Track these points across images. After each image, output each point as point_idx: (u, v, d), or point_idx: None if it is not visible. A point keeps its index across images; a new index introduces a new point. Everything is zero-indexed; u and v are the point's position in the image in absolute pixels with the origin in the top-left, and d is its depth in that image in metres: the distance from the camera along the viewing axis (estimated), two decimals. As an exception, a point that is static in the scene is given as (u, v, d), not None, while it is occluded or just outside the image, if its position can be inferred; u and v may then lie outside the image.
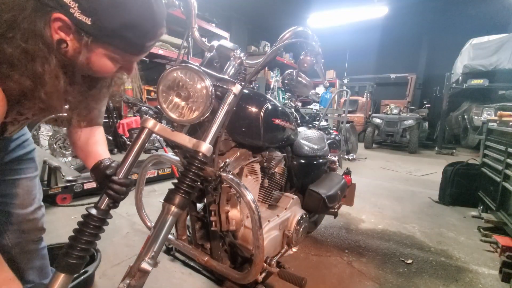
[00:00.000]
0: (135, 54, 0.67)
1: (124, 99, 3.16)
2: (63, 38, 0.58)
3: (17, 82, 0.57)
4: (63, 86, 0.61)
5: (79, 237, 0.69)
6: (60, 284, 0.67)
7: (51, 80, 0.59)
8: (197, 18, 1.09)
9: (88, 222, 0.70)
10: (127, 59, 0.68)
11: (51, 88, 0.59)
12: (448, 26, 8.24)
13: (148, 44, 0.67)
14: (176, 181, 0.79)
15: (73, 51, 0.60)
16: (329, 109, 5.14)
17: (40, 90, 0.59)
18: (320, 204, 1.46)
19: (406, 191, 3.32)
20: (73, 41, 0.59)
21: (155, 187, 2.87)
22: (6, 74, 0.56)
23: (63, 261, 0.67)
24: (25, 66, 0.56)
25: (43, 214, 1.02)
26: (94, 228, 0.70)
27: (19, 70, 0.56)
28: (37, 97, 0.60)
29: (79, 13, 0.55)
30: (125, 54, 0.65)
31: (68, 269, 0.67)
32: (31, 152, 0.97)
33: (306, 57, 1.03)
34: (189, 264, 1.48)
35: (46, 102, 0.61)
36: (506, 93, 5.81)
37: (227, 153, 1.13)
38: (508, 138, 2.15)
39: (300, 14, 7.35)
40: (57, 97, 0.62)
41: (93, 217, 0.70)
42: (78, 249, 0.68)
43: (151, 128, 0.81)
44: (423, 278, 1.59)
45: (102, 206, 0.73)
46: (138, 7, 0.60)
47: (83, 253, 0.68)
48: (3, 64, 0.55)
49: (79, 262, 0.68)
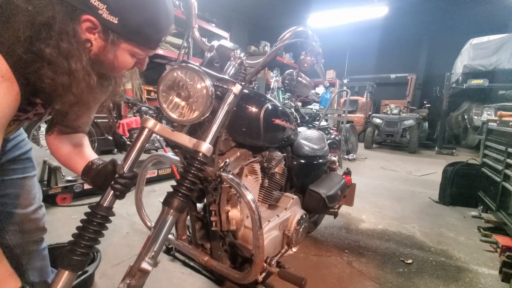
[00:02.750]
0: (153, 48, 0.73)
1: (124, 99, 3.16)
2: (89, 38, 0.64)
3: (55, 80, 0.61)
4: (95, 82, 0.67)
5: (82, 234, 0.69)
6: (64, 282, 0.67)
7: (85, 76, 0.64)
8: (197, 18, 1.09)
9: (92, 219, 0.70)
10: (144, 54, 0.73)
11: (84, 83, 0.64)
12: (448, 26, 8.24)
13: (163, 39, 0.73)
14: (175, 184, 0.79)
15: (98, 49, 0.66)
16: (329, 109, 5.14)
17: (74, 86, 0.63)
18: (320, 204, 1.46)
19: (406, 191, 3.32)
20: (98, 40, 0.65)
21: (155, 187, 2.87)
22: (45, 73, 0.60)
23: (67, 259, 0.67)
24: (62, 64, 0.60)
25: (43, 214, 1.02)
26: (98, 225, 0.71)
27: (56, 69, 0.60)
28: (71, 93, 0.64)
29: (107, 14, 0.61)
30: (144, 49, 0.71)
31: (72, 267, 0.68)
32: (28, 151, 0.97)
33: (306, 57, 1.03)
34: (189, 264, 1.48)
35: (79, 97, 0.66)
36: (506, 93, 5.82)
37: (227, 153, 1.13)
38: (508, 138, 2.16)
39: (300, 14, 7.35)
40: (88, 93, 0.67)
41: (97, 214, 0.71)
42: (82, 246, 0.68)
43: (151, 128, 0.81)
44: (423, 278, 1.59)
45: (105, 203, 0.73)
46: (156, 5, 0.67)
47: (87, 250, 0.69)
48: (43, 63, 0.59)
49: (83, 259, 0.69)
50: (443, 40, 8.66)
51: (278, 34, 1.02)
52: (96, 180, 0.82)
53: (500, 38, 5.83)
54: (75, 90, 0.64)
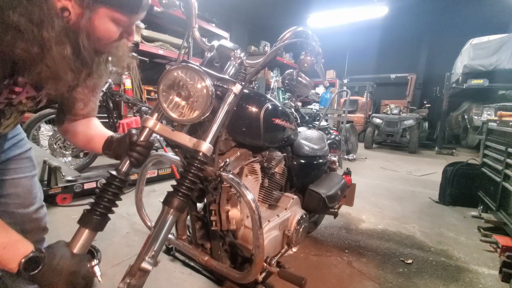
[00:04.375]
0: (134, 12, 0.69)
1: (124, 99, 3.16)
2: (65, 5, 0.60)
3: (24, 50, 0.57)
4: (69, 53, 0.63)
5: (102, 196, 0.73)
6: (84, 239, 0.70)
7: (58, 46, 0.60)
8: (197, 18, 1.09)
9: (111, 182, 0.75)
10: (127, 20, 0.69)
11: (58, 54, 0.61)
12: (448, 26, 8.24)
13: (144, 2, 0.69)
14: (175, 183, 0.79)
15: (76, 17, 0.62)
16: (329, 109, 5.14)
17: (47, 57, 0.60)
18: (320, 204, 1.46)
19: (406, 191, 3.32)
20: (75, 7, 0.61)
21: (155, 187, 2.87)
22: (12, 42, 0.56)
23: (87, 218, 0.71)
24: (32, 32, 0.57)
25: (45, 213, 1.02)
26: (116, 188, 0.75)
27: (26, 37, 0.57)
28: (44, 64, 0.61)
29: None
30: (125, 14, 0.67)
31: (92, 225, 0.71)
32: (28, 151, 0.97)
33: (306, 57, 1.03)
34: (189, 264, 1.48)
35: (53, 69, 0.62)
36: (506, 93, 5.82)
37: (227, 152, 1.13)
38: (508, 138, 2.16)
39: (300, 14, 7.36)
40: (63, 65, 0.63)
41: (115, 177, 0.75)
42: (101, 207, 0.72)
43: (151, 127, 0.81)
44: (423, 278, 1.59)
45: (124, 168, 0.78)
46: None
47: (105, 211, 0.73)
48: (10, 31, 0.56)
49: (102, 219, 0.72)
50: (443, 40, 8.66)
51: (278, 34, 1.02)
52: (118, 151, 0.83)
53: (500, 38, 5.84)
54: (48, 61, 0.60)
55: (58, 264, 0.63)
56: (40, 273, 0.61)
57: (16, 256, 0.60)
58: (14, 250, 0.61)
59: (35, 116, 2.46)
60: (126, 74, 3.70)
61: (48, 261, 0.62)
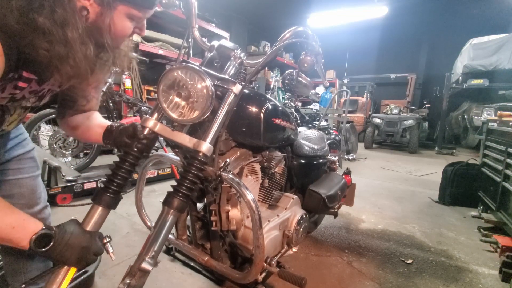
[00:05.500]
0: (150, 8, 0.71)
1: (124, 99, 3.16)
2: (84, 4, 0.61)
3: (50, 51, 0.58)
4: (92, 52, 0.64)
5: (116, 172, 0.75)
6: (97, 217, 0.72)
7: (81, 46, 0.62)
8: (197, 18, 1.09)
9: (125, 159, 0.76)
10: (142, 15, 0.71)
11: (82, 54, 0.62)
12: (448, 26, 8.24)
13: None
14: (175, 183, 0.79)
15: (95, 16, 0.64)
16: (329, 109, 5.14)
17: (70, 57, 0.61)
18: (320, 204, 1.46)
19: (406, 191, 3.32)
20: (93, 5, 0.63)
21: (155, 187, 2.87)
22: (40, 44, 0.57)
23: (100, 195, 0.73)
24: (57, 34, 0.58)
25: (49, 213, 1.02)
26: (130, 165, 0.77)
27: (51, 39, 0.58)
28: (68, 64, 0.62)
29: None
30: (141, 9, 0.69)
31: (105, 202, 0.72)
32: (31, 151, 0.97)
33: (306, 57, 1.03)
34: (189, 264, 1.48)
35: (77, 68, 0.63)
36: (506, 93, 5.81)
37: (227, 153, 1.13)
38: (508, 138, 2.15)
39: (300, 14, 7.36)
40: (86, 64, 0.65)
41: (129, 154, 0.77)
42: (114, 185, 0.74)
43: (151, 127, 0.81)
44: (423, 278, 1.59)
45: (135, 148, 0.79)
46: None
47: (119, 189, 0.75)
48: (37, 34, 0.57)
49: (115, 197, 0.74)
50: (443, 40, 8.66)
51: (278, 34, 1.02)
52: (118, 140, 0.83)
53: (500, 38, 5.84)
54: (72, 61, 0.62)
55: (70, 239, 0.64)
56: (51, 248, 0.62)
57: (27, 234, 0.61)
58: (23, 229, 0.61)
59: (35, 116, 2.47)
60: (126, 74, 3.70)
61: (59, 237, 0.63)
